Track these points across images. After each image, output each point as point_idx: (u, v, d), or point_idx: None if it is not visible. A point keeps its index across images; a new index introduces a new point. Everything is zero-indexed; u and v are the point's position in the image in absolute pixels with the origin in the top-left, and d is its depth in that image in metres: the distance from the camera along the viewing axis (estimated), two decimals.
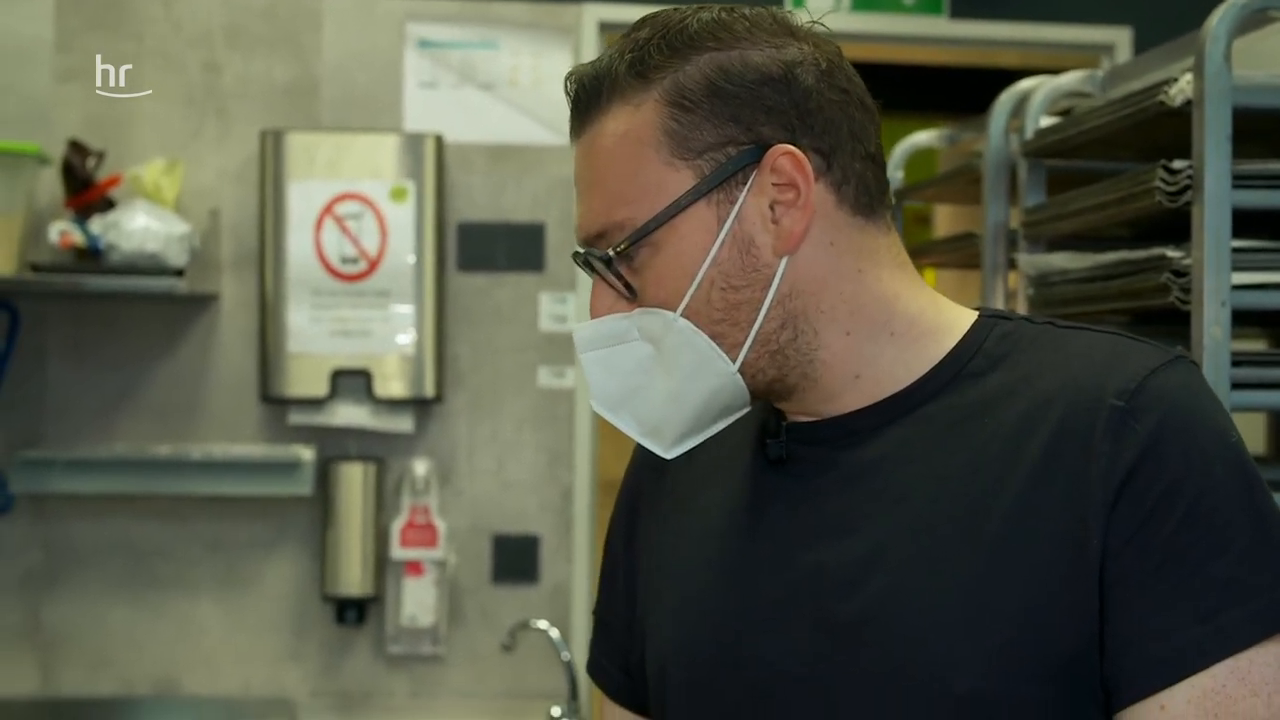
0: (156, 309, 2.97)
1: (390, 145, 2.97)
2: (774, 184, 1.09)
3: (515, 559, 3.00)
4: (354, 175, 2.94)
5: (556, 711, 2.72)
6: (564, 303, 3.03)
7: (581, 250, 1.14)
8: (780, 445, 1.17)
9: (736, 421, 1.19)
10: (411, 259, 2.93)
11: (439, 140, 2.98)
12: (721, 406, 1.15)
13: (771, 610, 1.14)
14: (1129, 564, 1.01)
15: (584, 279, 3.03)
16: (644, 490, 1.31)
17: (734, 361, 1.12)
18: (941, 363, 1.13)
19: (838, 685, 1.08)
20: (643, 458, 1.31)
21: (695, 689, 1.18)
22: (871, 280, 1.13)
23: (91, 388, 2.98)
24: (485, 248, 3.04)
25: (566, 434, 3.03)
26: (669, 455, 1.17)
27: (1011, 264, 2.01)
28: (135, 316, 2.98)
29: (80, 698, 2.94)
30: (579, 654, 2.90)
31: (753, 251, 1.10)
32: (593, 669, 1.36)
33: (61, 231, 2.78)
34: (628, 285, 1.12)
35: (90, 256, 2.80)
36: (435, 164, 2.96)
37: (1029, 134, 1.94)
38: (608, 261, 1.11)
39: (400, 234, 2.93)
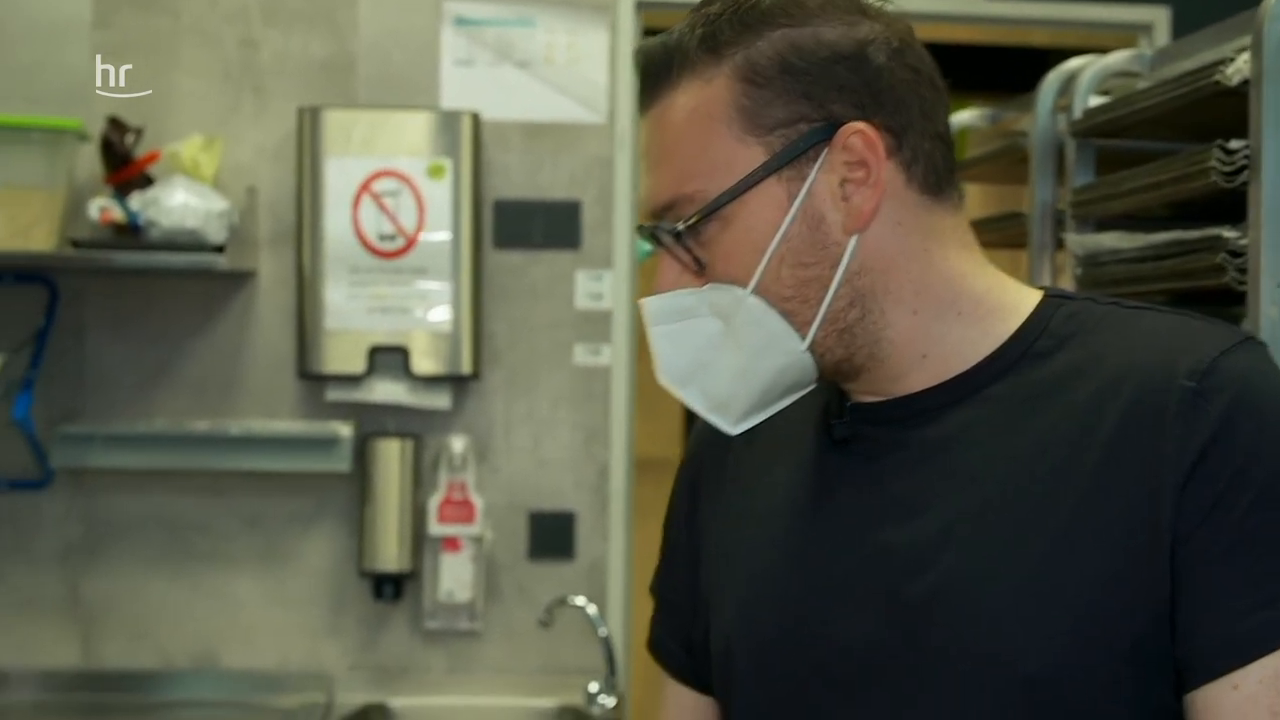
0: (194, 285, 2.99)
1: (427, 123, 2.97)
2: (845, 162, 1.10)
3: (552, 536, 3.01)
4: (391, 152, 2.95)
5: (594, 687, 2.73)
6: (600, 280, 3.04)
7: (647, 224, 1.15)
8: (845, 425, 1.17)
9: (799, 401, 1.19)
10: (449, 236, 2.94)
11: (475, 118, 2.98)
12: (789, 384, 1.16)
13: (837, 591, 1.14)
14: (1200, 545, 1.02)
15: (621, 257, 3.04)
16: (705, 469, 1.31)
17: (804, 339, 1.12)
18: (1008, 342, 1.13)
19: (905, 666, 1.09)
20: (703, 437, 1.32)
21: (761, 669, 1.19)
22: (939, 260, 1.14)
23: (130, 363, 2.99)
24: (521, 225, 3.04)
25: (602, 411, 3.04)
26: (734, 431, 1.18)
27: (1058, 244, 2.01)
28: (173, 293, 3.00)
29: (120, 669, 2.96)
30: (616, 630, 2.92)
31: (823, 229, 1.11)
32: (654, 646, 1.37)
33: (102, 208, 2.79)
34: (696, 259, 1.13)
35: (129, 233, 2.82)
36: (472, 142, 2.97)
37: (1077, 113, 1.94)
38: (677, 235, 1.12)
39: (437, 211, 2.94)
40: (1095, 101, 1.94)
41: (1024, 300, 1.16)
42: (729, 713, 1.24)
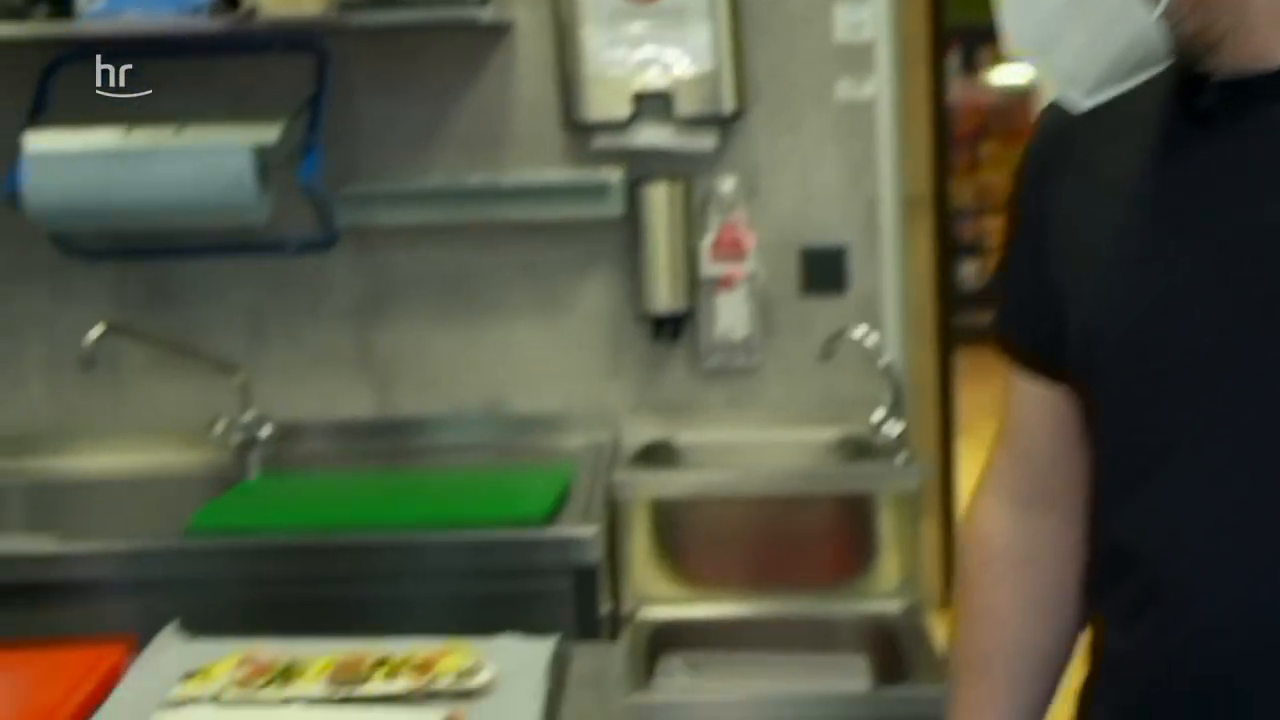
0: (456, 40, 3.02)
1: None
2: None
3: (823, 270, 3.03)
4: None
5: (878, 416, 2.77)
6: (859, 11, 2.98)
7: None
8: (1210, 98, 1.15)
9: (1147, 83, 1.17)
10: None
11: None
12: (1138, 58, 1.13)
13: (1203, 274, 1.13)
14: None
15: None
16: (1050, 155, 1.30)
17: (1155, 8, 1.10)
18: None
19: (1272, 351, 1.08)
20: (1049, 119, 1.31)
21: (1123, 354, 1.19)
22: None
23: (399, 122, 3.06)
24: None
25: (868, 146, 3.01)
26: (1083, 104, 1.16)
27: None
28: (436, 50, 3.03)
29: (412, 416, 3.11)
30: (896, 359, 2.94)
31: None
32: (1000, 334, 1.38)
33: None
34: None
35: None
36: None
37: None
38: None
39: None
40: None
41: None
42: (1094, 401, 1.26)
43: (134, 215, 2.92)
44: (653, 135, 2.95)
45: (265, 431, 3.00)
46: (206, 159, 2.88)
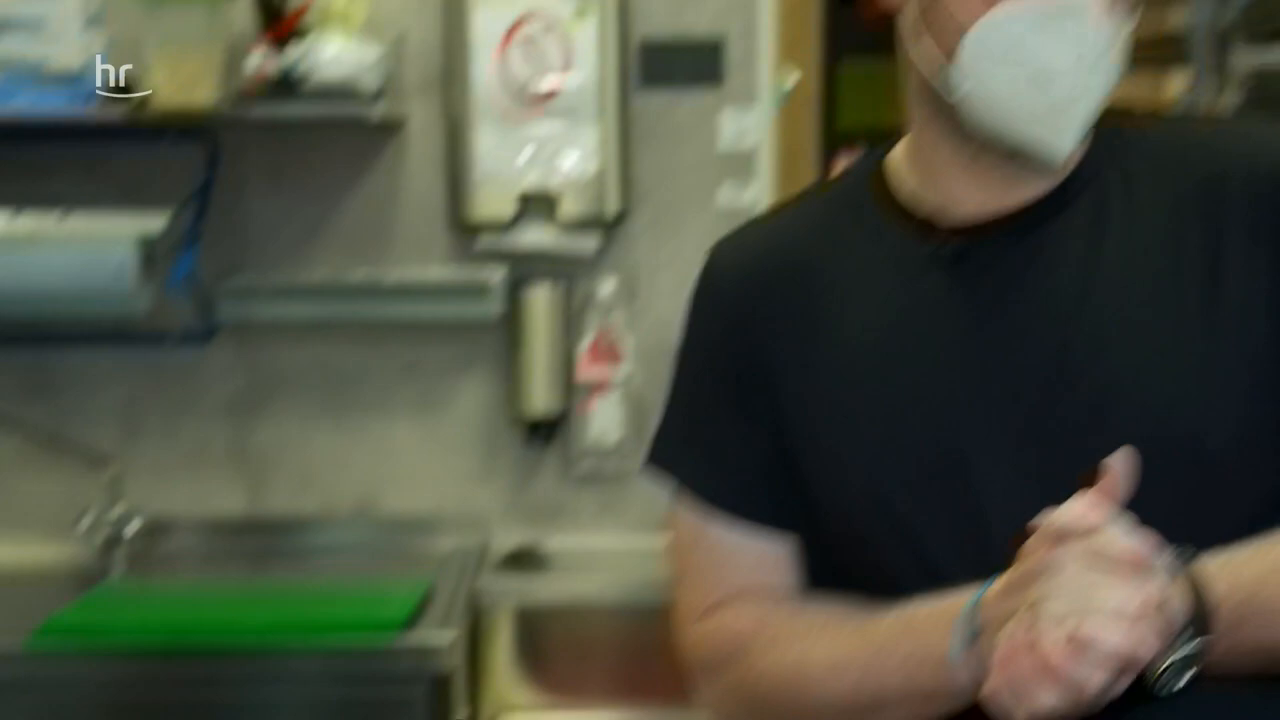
0: (347, 137, 3.01)
1: None
2: None
3: None
4: None
5: None
6: (743, 119, 2.99)
7: None
8: (954, 247, 1.18)
9: (868, 234, 1.22)
10: (594, 79, 2.91)
11: None
12: None
13: (989, 415, 1.13)
14: None
15: (765, 92, 2.99)
16: (757, 312, 1.28)
17: None
18: None
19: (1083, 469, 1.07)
20: (734, 271, 1.34)
21: (908, 514, 1.17)
22: None
23: (288, 216, 3.04)
24: (666, 65, 3.00)
25: None
26: None
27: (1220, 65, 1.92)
28: (326, 145, 3.02)
29: (283, 516, 3.05)
30: None
31: None
32: (711, 495, 1.33)
33: (260, 62, 2.80)
34: None
35: (284, 86, 2.82)
36: None
37: None
38: None
39: (583, 54, 2.91)
40: None
41: None
42: (872, 561, 1.22)
43: (12, 303, 2.88)
44: (536, 236, 2.94)
45: (132, 528, 2.94)
46: (89, 248, 2.85)
